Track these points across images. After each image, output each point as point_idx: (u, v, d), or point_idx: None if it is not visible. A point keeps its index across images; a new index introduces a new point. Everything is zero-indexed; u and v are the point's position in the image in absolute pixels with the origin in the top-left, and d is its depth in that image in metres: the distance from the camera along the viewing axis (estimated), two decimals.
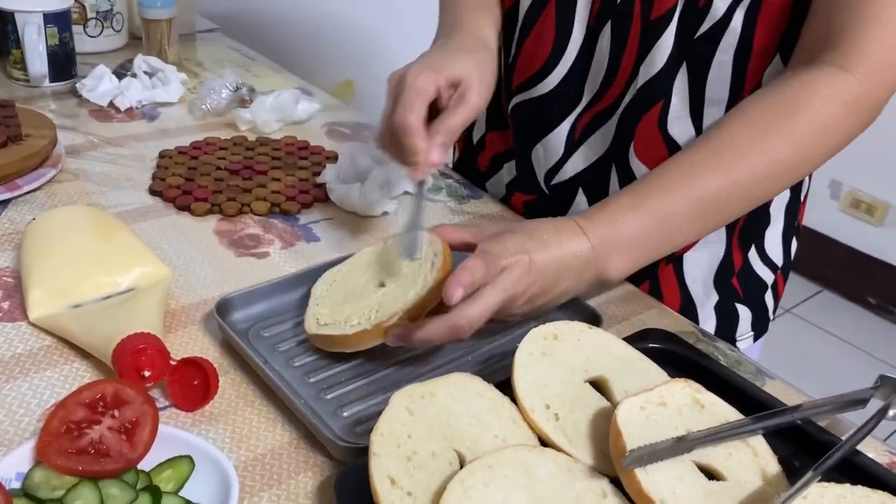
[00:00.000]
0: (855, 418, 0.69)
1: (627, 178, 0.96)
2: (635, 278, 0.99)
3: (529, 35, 0.96)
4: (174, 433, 0.65)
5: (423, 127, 0.78)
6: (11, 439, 0.67)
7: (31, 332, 0.80)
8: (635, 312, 0.89)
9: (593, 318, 0.82)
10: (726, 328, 1.01)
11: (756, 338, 1.04)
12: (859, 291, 2.93)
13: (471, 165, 1.19)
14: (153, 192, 1.06)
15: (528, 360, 0.71)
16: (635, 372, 0.73)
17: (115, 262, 0.86)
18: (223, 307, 0.81)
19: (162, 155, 1.16)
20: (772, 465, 0.65)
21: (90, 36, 1.52)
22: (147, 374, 0.71)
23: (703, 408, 0.68)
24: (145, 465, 0.63)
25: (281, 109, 1.27)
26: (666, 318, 0.89)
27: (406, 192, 1.10)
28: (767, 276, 1.01)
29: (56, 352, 0.78)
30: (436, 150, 0.77)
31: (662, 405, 0.67)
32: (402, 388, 0.67)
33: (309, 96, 1.36)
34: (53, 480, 0.61)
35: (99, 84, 1.31)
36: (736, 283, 1.00)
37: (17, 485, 0.61)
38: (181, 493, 0.61)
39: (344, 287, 0.83)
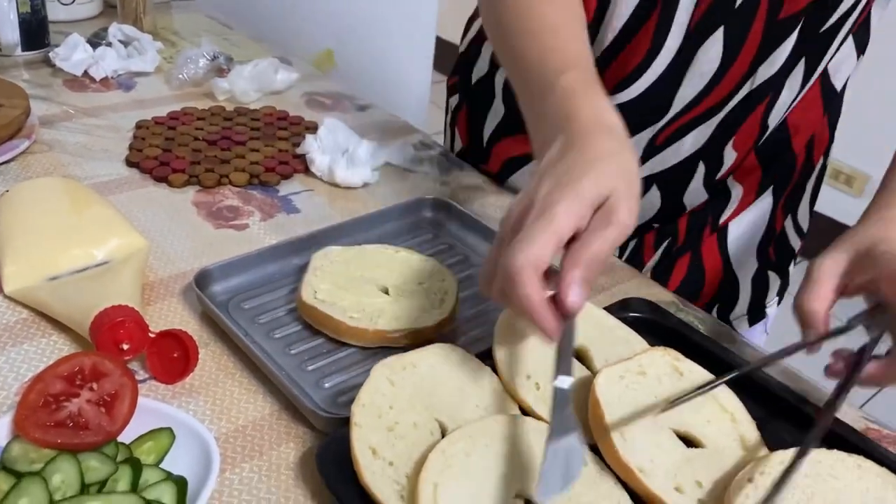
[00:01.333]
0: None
1: (715, 168, 0.93)
2: (676, 253, 0.99)
3: (624, 49, 0.86)
4: (154, 405, 0.65)
5: (542, 285, 0.58)
6: None
7: (7, 305, 0.79)
8: (616, 282, 0.89)
9: None
10: (759, 296, 1.02)
11: (779, 302, 1.05)
12: None
13: (477, 165, 1.13)
14: (130, 163, 1.05)
15: (508, 330, 0.71)
16: (616, 341, 0.73)
17: (91, 233, 0.85)
18: (202, 279, 0.80)
19: (138, 125, 1.14)
20: (750, 431, 0.66)
21: (63, 4, 1.49)
22: (126, 346, 0.70)
23: (682, 375, 0.68)
24: (125, 437, 0.62)
25: (259, 79, 1.25)
26: (646, 288, 0.89)
27: (387, 163, 1.09)
28: (796, 243, 1.03)
29: (33, 325, 0.77)
30: (574, 289, 0.56)
31: (641, 374, 0.68)
32: (384, 359, 0.67)
33: (288, 66, 1.34)
34: (32, 454, 0.60)
35: (73, 53, 1.28)
36: (772, 251, 1.00)
37: None
38: (162, 466, 0.61)
39: (347, 271, 0.83)
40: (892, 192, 0.72)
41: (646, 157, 0.93)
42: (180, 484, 0.59)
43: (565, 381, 0.58)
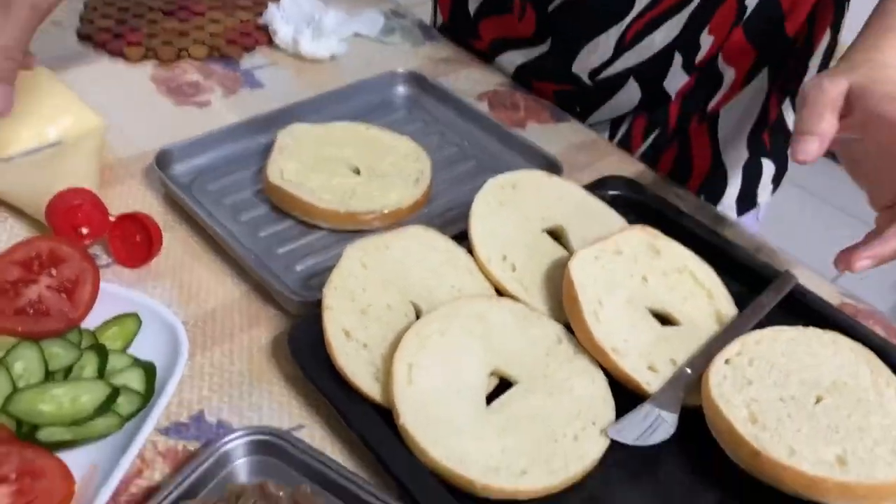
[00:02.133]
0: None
1: (692, 55, 0.88)
2: (664, 142, 0.96)
3: None
4: (118, 291, 0.63)
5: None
6: None
7: None
8: (596, 160, 0.87)
9: (553, 167, 0.79)
10: (750, 184, 0.99)
11: (773, 190, 1.02)
12: None
13: (463, 40, 1.06)
14: (82, 36, 0.98)
15: (484, 211, 0.69)
16: (594, 219, 0.71)
17: (43, 113, 0.79)
18: (163, 159, 0.76)
19: None
20: (727, 307, 0.65)
21: None
22: (84, 231, 0.67)
23: (658, 253, 0.67)
24: (89, 323, 0.61)
25: None
26: (626, 166, 0.87)
27: (356, 34, 1.03)
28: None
29: None
30: None
31: (618, 253, 0.66)
32: (356, 241, 0.65)
33: None
34: None
35: None
36: (766, 137, 0.97)
37: None
38: (129, 352, 0.60)
39: (315, 151, 0.78)
40: (881, 37, 0.65)
41: (616, 54, 0.88)
42: (148, 369, 0.57)
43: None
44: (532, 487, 0.53)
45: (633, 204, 0.76)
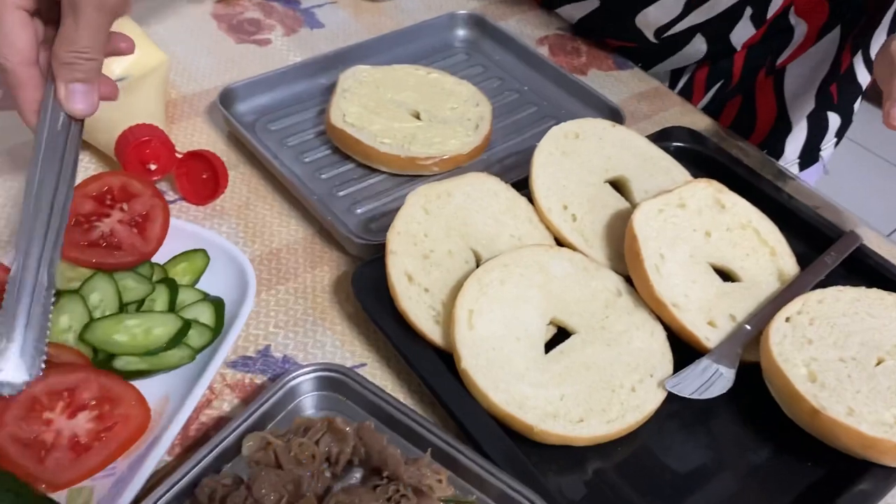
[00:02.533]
0: None
1: (763, 9, 0.84)
2: (727, 94, 0.94)
3: None
4: (186, 227, 0.64)
5: None
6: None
7: None
8: (659, 110, 0.85)
9: (616, 115, 0.78)
10: (814, 138, 0.96)
11: (836, 144, 1.00)
12: None
13: None
14: None
15: (547, 160, 0.68)
16: (657, 171, 0.71)
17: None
18: (227, 98, 0.77)
19: None
20: (790, 265, 0.65)
21: None
22: (153, 166, 0.69)
23: (723, 208, 0.66)
24: (159, 258, 0.62)
25: None
26: (690, 116, 0.85)
27: None
28: (865, 79, 0.96)
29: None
30: None
31: (681, 207, 0.65)
32: (417, 187, 0.65)
33: None
34: (68, 272, 0.60)
35: None
36: (833, 90, 0.94)
37: None
38: (198, 287, 0.62)
39: (376, 93, 0.78)
40: None
41: (686, 11, 0.85)
42: (217, 304, 0.59)
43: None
44: (588, 435, 0.54)
45: (697, 157, 0.75)
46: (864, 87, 0.97)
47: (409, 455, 0.50)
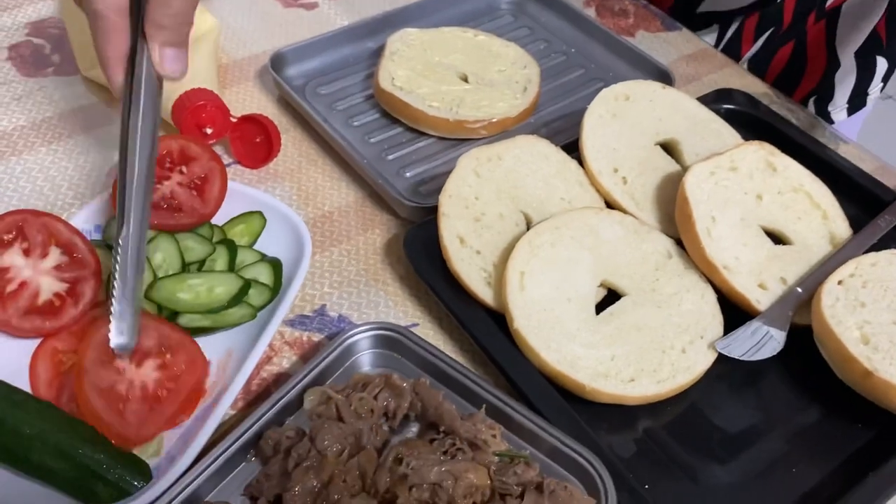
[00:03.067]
0: None
1: None
2: (777, 42, 0.92)
3: None
4: (243, 189, 0.66)
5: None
6: (84, 193, 0.69)
7: (86, 86, 0.78)
8: (708, 71, 0.84)
9: (665, 77, 0.78)
10: (862, 82, 0.94)
11: (882, 88, 0.98)
12: None
13: None
14: None
15: (597, 123, 0.68)
16: (708, 134, 0.70)
17: None
18: (277, 62, 0.78)
19: None
20: (842, 228, 0.64)
21: None
22: (209, 130, 0.70)
23: (775, 171, 0.66)
24: (217, 220, 0.64)
25: None
26: (740, 79, 0.84)
27: None
28: None
29: (110, 108, 0.77)
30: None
31: (733, 170, 0.65)
32: (468, 150, 0.66)
33: None
34: None
35: None
36: (881, 29, 0.92)
37: (97, 236, 0.63)
38: (255, 248, 0.63)
39: (424, 56, 0.79)
40: None
41: None
42: (276, 264, 0.61)
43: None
44: (639, 394, 0.55)
45: (748, 119, 0.74)
46: None
47: (464, 411, 0.52)
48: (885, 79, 0.96)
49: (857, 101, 0.95)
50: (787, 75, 0.89)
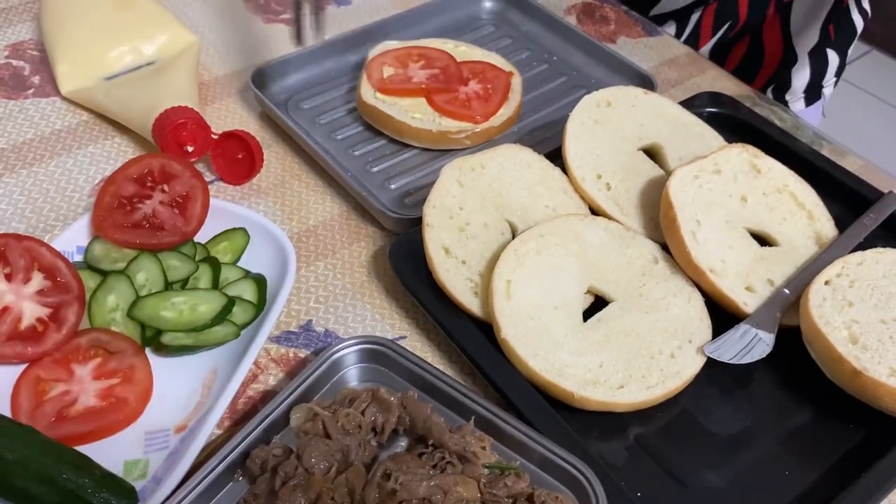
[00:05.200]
0: None
1: None
2: (734, 35, 0.93)
3: None
4: (226, 206, 0.65)
5: None
6: (66, 214, 0.68)
7: (67, 107, 0.78)
8: (690, 75, 0.84)
9: (647, 83, 0.78)
10: (817, 74, 0.97)
11: (836, 83, 1.00)
12: None
13: None
14: None
15: (579, 129, 0.68)
16: (690, 138, 0.70)
17: (138, 30, 0.81)
18: (259, 78, 0.77)
19: None
20: (827, 228, 0.64)
21: None
22: (190, 148, 0.70)
23: (759, 173, 0.66)
24: (200, 238, 0.63)
25: None
26: (722, 81, 0.84)
27: None
28: (859, 21, 0.95)
29: (95, 127, 0.76)
30: None
31: (717, 172, 0.65)
32: (451, 160, 0.66)
33: None
34: (113, 253, 0.62)
35: None
36: (832, 29, 0.94)
37: (79, 258, 0.62)
38: (239, 265, 0.63)
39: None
40: None
41: None
42: (260, 281, 0.60)
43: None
44: (629, 401, 0.54)
45: (731, 121, 0.74)
46: (858, 30, 0.96)
47: (453, 423, 0.51)
48: (838, 73, 0.98)
49: (813, 93, 0.97)
50: (744, 66, 0.91)
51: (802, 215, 0.65)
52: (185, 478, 0.48)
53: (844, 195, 0.69)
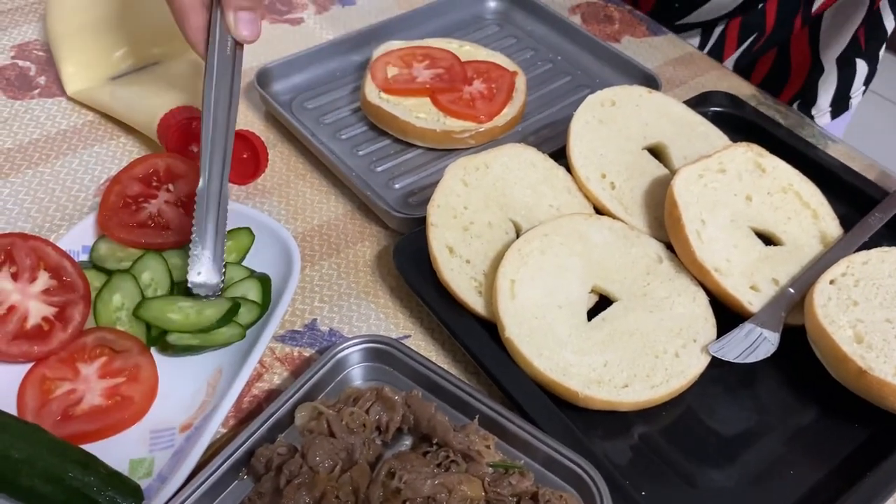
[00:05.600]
0: None
1: None
2: (760, 47, 0.92)
3: None
4: (231, 206, 0.65)
5: None
6: (72, 214, 0.68)
7: (72, 107, 0.78)
8: (695, 75, 0.84)
9: (651, 82, 0.78)
10: (844, 85, 0.96)
11: (864, 92, 0.99)
12: None
13: None
14: None
15: (583, 129, 0.68)
16: (695, 137, 0.70)
17: (145, 30, 0.82)
18: (263, 78, 0.78)
19: None
20: (832, 227, 0.64)
21: None
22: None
23: (764, 172, 0.66)
24: None
25: None
26: (726, 81, 0.84)
27: None
28: (890, 25, 0.94)
29: (100, 127, 0.77)
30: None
31: (721, 172, 0.65)
32: (455, 160, 0.66)
33: None
34: (118, 252, 0.62)
35: None
36: (861, 35, 0.93)
37: (84, 257, 0.63)
38: (244, 264, 0.63)
39: None
40: None
41: None
42: (264, 281, 0.61)
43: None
44: (633, 400, 0.54)
45: (735, 121, 0.74)
46: (888, 32, 0.95)
47: (457, 422, 0.51)
48: (867, 82, 0.97)
49: (840, 105, 0.96)
50: (770, 80, 0.90)
51: (807, 214, 0.65)
52: (190, 476, 0.49)
53: (849, 194, 0.68)
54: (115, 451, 0.52)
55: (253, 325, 0.58)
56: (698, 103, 0.74)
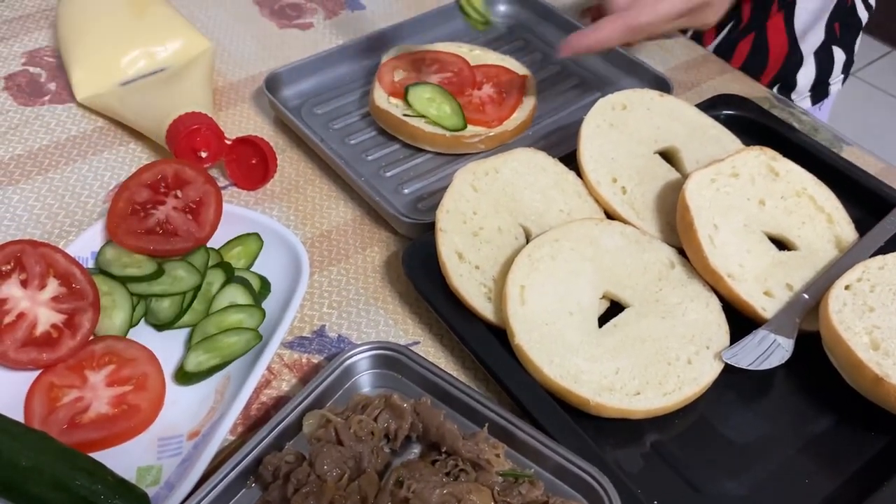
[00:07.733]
0: None
1: None
2: (738, 34, 0.93)
3: None
4: (239, 211, 0.65)
5: None
6: (81, 220, 0.68)
7: (82, 113, 0.78)
8: (706, 78, 0.84)
9: (663, 85, 0.77)
10: (823, 72, 0.96)
11: (843, 80, 1.00)
12: None
13: None
14: None
15: (594, 133, 0.68)
16: (707, 140, 0.69)
17: (153, 35, 0.82)
18: (272, 83, 0.77)
19: None
20: (847, 231, 0.63)
21: None
22: (204, 154, 0.70)
23: (777, 176, 0.65)
24: (213, 243, 0.63)
25: None
26: (739, 83, 0.83)
27: None
28: (864, 15, 0.94)
29: (109, 133, 0.77)
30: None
31: (734, 176, 0.64)
32: (465, 164, 0.65)
33: None
34: (124, 258, 0.62)
35: None
36: (837, 26, 0.93)
37: (93, 264, 0.63)
38: (252, 270, 0.63)
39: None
40: None
41: None
42: (246, 283, 0.60)
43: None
44: (645, 408, 0.53)
45: (748, 124, 0.73)
46: (863, 23, 0.96)
47: (466, 430, 0.51)
48: (846, 69, 0.97)
49: (819, 90, 0.96)
50: (749, 64, 0.90)
51: (822, 218, 0.64)
52: (197, 484, 0.48)
53: (864, 198, 0.67)
54: (122, 459, 0.52)
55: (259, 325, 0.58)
56: (710, 106, 0.73)
